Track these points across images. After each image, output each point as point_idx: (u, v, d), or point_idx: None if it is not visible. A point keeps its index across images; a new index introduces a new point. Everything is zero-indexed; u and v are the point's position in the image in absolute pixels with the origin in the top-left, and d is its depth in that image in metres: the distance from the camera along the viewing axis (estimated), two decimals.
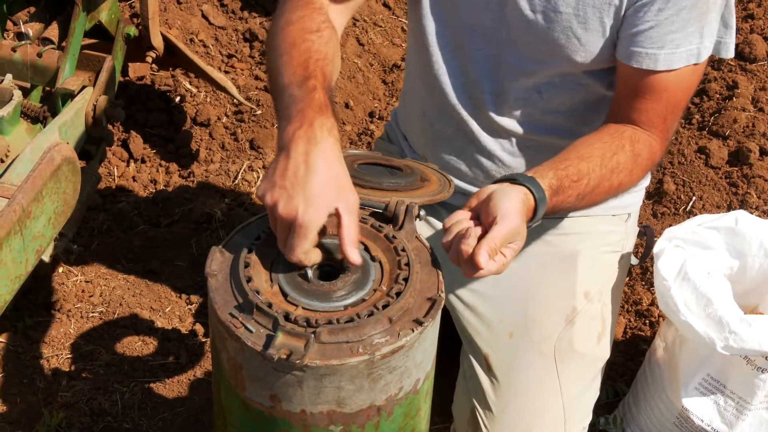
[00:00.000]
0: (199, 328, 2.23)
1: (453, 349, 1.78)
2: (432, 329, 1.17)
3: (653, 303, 2.31)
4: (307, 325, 1.10)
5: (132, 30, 2.28)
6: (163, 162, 2.74)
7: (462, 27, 1.55)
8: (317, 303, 1.15)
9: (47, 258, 1.85)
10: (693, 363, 1.82)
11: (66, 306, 2.23)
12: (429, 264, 1.23)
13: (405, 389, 1.17)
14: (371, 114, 2.96)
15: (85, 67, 2.12)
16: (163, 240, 2.48)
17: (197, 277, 2.38)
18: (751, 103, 2.77)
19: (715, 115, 2.76)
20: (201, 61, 2.65)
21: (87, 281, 2.31)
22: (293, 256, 1.14)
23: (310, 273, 1.17)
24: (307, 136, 1.15)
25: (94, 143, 2.07)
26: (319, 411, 1.12)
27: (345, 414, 1.13)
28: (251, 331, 1.10)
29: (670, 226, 1.92)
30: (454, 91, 1.62)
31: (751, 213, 2.09)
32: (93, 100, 2.00)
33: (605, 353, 1.75)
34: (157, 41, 2.43)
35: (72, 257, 2.33)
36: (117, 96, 2.20)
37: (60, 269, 2.32)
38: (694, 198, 2.55)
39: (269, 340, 1.08)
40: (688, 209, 2.53)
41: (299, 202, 1.11)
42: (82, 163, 1.97)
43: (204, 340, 2.21)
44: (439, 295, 1.17)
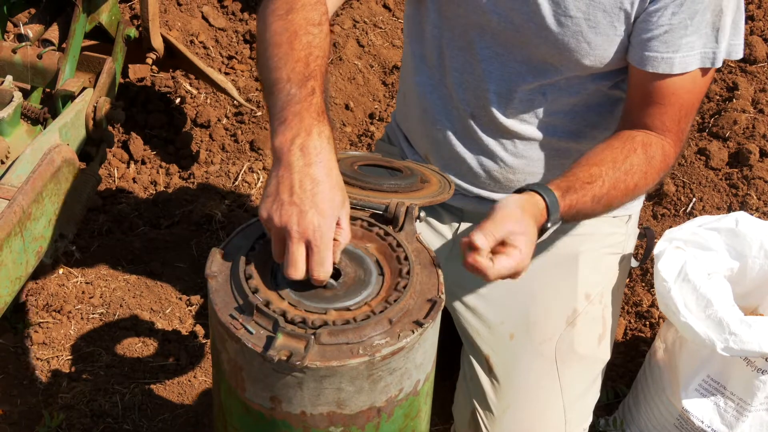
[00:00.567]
0: (200, 329, 2.23)
1: (453, 351, 1.78)
2: (432, 330, 1.17)
3: (653, 304, 2.31)
4: (307, 327, 1.10)
5: (132, 31, 2.28)
6: (164, 163, 2.74)
7: (469, 25, 1.55)
8: (317, 304, 1.15)
9: (48, 259, 1.85)
10: (693, 364, 1.82)
11: (66, 307, 2.23)
12: (429, 265, 1.23)
13: (405, 390, 1.17)
14: (371, 115, 2.96)
15: (86, 69, 2.11)
16: (164, 241, 2.48)
17: (197, 279, 2.38)
18: (751, 105, 2.77)
19: (715, 117, 2.76)
20: (201, 63, 2.65)
21: (87, 282, 2.31)
22: (324, 271, 1.13)
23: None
24: (306, 145, 1.15)
25: (94, 145, 2.07)
26: (319, 412, 1.12)
27: (345, 415, 1.13)
28: (251, 333, 1.10)
29: (670, 227, 1.92)
30: (458, 89, 1.62)
31: (752, 214, 2.08)
32: (93, 101, 2.00)
33: (606, 355, 1.75)
34: (158, 43, 2.43)
35: (72, 259, 2.33)
36: (117, 97, 2.20)
37: (60, 270, 2.32)
38: (694, 199, 2.55)
39: (269, 341, 1.08)
40: (688, 211, 2.53)
41: (313, 216, 1.11)
42: (82, 165, 1.97)
43: (204, 341, 2.21)
44: (440, 297, 1.17)
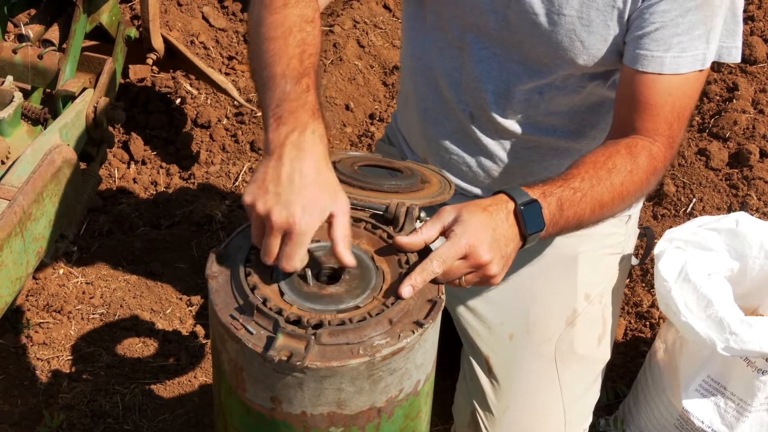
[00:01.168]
0: (200, 329, 2.24)
1: (453, 351, 1.78)
2: (432, 331, 1.17)
3: (654, 304, 2.31)
4: (308, 327, 1.10)
5: (133, 32, 2.28)
6: (164, 164, 2.74)
7: (466, 26, 1.55)
8: (318, 305, 1.15)
9: (48, 259, 1.85)
10: (693, 364, 1.82)
11: (67, 307, 2.23)
12: None
13: (405, 391, 1.17)
14: (371, 116, 2.96)
15: (86, 69, 2.11)
16: (164, 242, 2.48)
17: (198, 279, 2.38)
18: (752, 105, 2.77)
19: (716, 117, 2.76)
20: (201, 63, 2.65)
21: (88, 283, 2.31)
22: (291, 264, 1.13)
23: (309, 275, 1.18)
24: (300, 142, 1.15)
25: (94, 145, 2.07)
26: (320, 412, 1.12)
27: (345, 415, 1.13)
28: (252, 333, 1.10)
29: (670, 227, 1.91)
30: (456, 90, 1.62)
31: (752, 215, 2.08)
32: (94, 101, 2.00)
33: (606, 355, 1.75)
34: (158, 43, 2.43)
35: (73, 259, 2.34)
36: (117, 98, 2.20)
37: (61, 271, 2.32)
38: (694, 200, 2.55)
39: (270, 341, 1.08)
40: (688, 211, 2.53)
41: (296, 208, 1.11)
42: (82, 165, 1.98)
43: (204, 341, 2.21)
44: (440, 297, 1.17)
